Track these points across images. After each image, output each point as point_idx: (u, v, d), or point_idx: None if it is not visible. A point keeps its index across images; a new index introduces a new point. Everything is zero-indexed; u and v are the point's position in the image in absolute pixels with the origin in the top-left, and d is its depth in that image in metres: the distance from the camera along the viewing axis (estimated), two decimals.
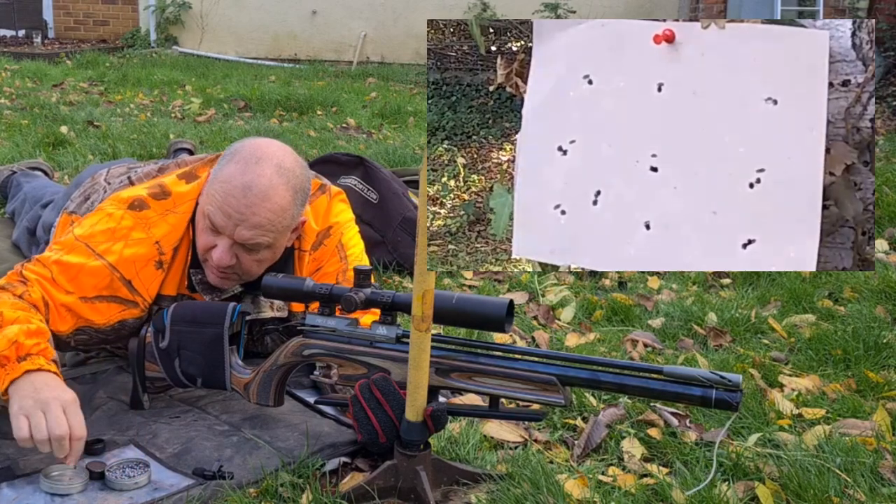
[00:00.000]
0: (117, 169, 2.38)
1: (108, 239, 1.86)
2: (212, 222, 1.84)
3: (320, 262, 2.06)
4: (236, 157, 1.86)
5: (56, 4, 10.35)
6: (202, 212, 1.88)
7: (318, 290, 1.72)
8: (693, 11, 8.13)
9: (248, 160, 1.84)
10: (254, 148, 1.87)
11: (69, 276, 1.83)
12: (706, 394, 1.46)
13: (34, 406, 1.59)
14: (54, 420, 1.57)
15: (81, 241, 1.87)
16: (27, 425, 1.57)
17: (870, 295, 2.77)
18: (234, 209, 1.82)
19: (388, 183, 3.05)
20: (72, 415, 1.60)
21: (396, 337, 1.68)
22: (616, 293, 2.79)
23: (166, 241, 1.89)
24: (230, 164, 1.85)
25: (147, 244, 1.88)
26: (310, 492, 1.60)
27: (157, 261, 1.88)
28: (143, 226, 1.88)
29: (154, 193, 1.93)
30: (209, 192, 1.86)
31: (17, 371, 1.64)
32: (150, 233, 1.88)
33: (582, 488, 1.64)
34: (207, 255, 1.89)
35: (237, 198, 1.81)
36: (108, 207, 1.92)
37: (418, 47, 9.19)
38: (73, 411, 1.61)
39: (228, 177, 1.83)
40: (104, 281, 1.85)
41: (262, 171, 1.83)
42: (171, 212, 1.91)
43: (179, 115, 5.91)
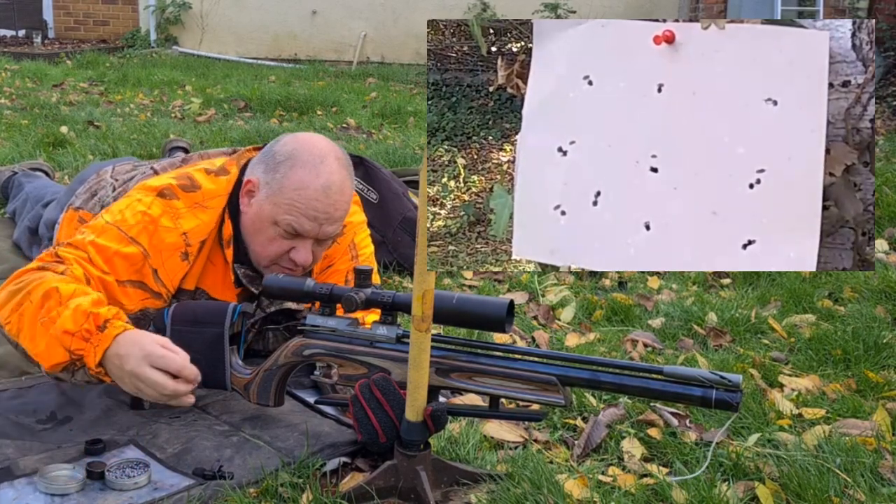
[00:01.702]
0: (123, 166, 2.38)
1: (139, 224, 1.86)
2: (294, 229, 1.86)
3: (332, 259, 2.08)
4: (298, 160, 1.86)
5: (56, 4, 10.35)
6: (270, 221, 1.87)
7: (319, 289, 1.72)
8: (693, 11, 8.13)
9: (314, 161, 1.86)
10: (309, 146, 1.89)
11: (105, 257, 1.82)
12: (706, 394, 1.46)
13: (138, 368, 1.63)
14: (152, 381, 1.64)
15: (113, 226, 1.85)
16: (149, 391, 1.65)
17: (870, 295, 2.77)
18: (320, 211, 1.85)
19: (388, 183, 3.05)
20: (171, 362, 1.65)
21: (397, 337, 1.68)
22: (616, 293, 2.80)
23: (193, 234, 1.89)
24: (295, 168, 1.86)
25: (175, 234, 1.87)
26: (310, 492, 1.60)
27: (182, 252, 1.88)
28: (171, 215, 1.88)
29: (183, 185, 1.92)
30: (280, 201, 1.85)
31: (106, 340, 1.65)
32: (178, 223, 1.88)
33: (582, 488, 1.64)
34: (280, 260, 1.90)
35: (321, 200, 1.84)
36: (137, 194, 1.91)
37: (418, 47, 9.19)
38: (174, 358, 1.66)
39: (302, 182, 1.84)
40: (136, 265, 1.85)
41: (330, 167, 1.86)
42: (200, 206, 1.91)
43: (179, 115, 5.91)
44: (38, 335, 1.68)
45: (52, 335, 1.67)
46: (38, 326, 1.68)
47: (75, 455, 1.70)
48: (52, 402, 1.91)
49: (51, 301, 1.69)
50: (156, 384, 1.65)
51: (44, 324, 1.68)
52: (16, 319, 1.72)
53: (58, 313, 1.67)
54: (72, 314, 1.67)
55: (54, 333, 1.67)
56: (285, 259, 1.91)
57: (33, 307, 1.70)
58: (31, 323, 1.70)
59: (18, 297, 1.73)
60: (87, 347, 1.66)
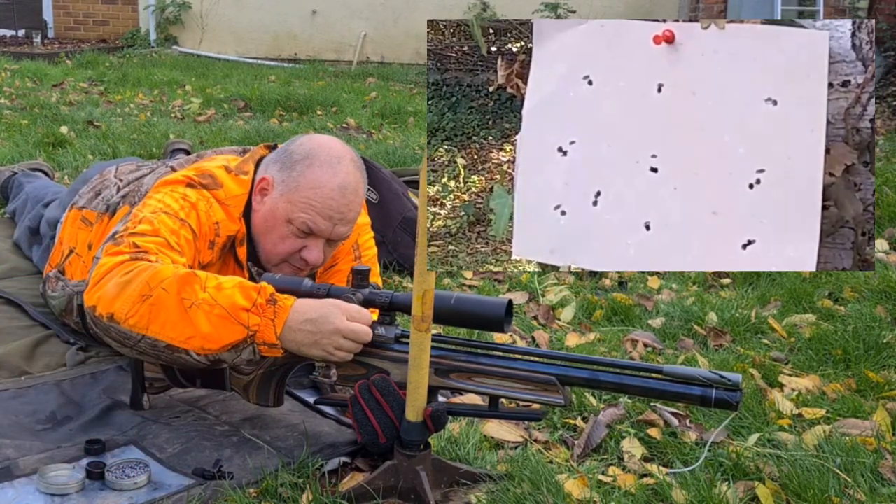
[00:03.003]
0: (126, 166, 2.38)
1: (183, 208, 1.84)
2: (309, 228, 1.87)
3: (335, 259, 2.10)
4: (315, 159, 1.88)
5: (56, 4, 10.35)
6: (284, 219, 1.88)
7: (316, 290, 1.72)
8: (693, 11, 8.13)
9: (331, 161, 1.88)
10: (327, 147, 1.91)
11: (177, 239, 1.79)
12: (706, 393, 1.46)
13: (342, 324, 1.62)
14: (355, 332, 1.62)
15: (162, 212, 1.81)
16: (349, 346, 1.63)
17: (870, 295, 2.77)
18: (335, 211, 1.86)
19: (388, 183, 3.05)
20: (354, 312, 1.63)
21: (395, 337, 1.68)
22: (616, 293, 2.79)
23: (224, 225, 1.90)
24: (312, 167, 1.87)
25: (210, 220, 1.87)
26: (310, 492, 1.60)
27: (211, 240, 1.88)
28: (205, 201, 1.88)
29: (206, 183, 1.92)
30: (296, 199, 1.87)
31: (283, 311, 1.61)
32: (211, 210, 1.88)
33: (582, 488, 1.64)
34: (291, 259, 1.91)
35: (336, 199, 1.86)
36: (165, 188, 1.89)
37: (418, 47, 9.19)
38: (348, 308, 1.63)
39: (318, 181, 1.86)
40: (193, 248, 1.83)
41: (346, 168, 1.88)
42: (223, 203, 1.91)
43: (179, 115, 5.91)
44: (197, 319, 1.60)
45: (218, 315, 1.60)
46: (193, 311, 1.60)
47: (75, 455, 1.70)
48: (52, 402, 1.91)
49: (193, 285, 1.62)
50: (358, 334, 1.63)
51: (199, 307, 1.60)
52: (146, 311, 1.61)
53: (213, 296, 1.61)
54: (238, 290, 1.62)
55: (221, 313, 1.60)
56: (296, 258, 1.92)
57: (170, 296, 1.61)
58: (177, 311, 1.61)
59: (136, 288, 1.63)
60: (263, 322, 1.61)
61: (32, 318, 2.35)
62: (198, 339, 1.61)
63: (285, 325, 1.61)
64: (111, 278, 1.66)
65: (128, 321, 1.63)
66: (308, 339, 1.62)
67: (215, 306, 1.60)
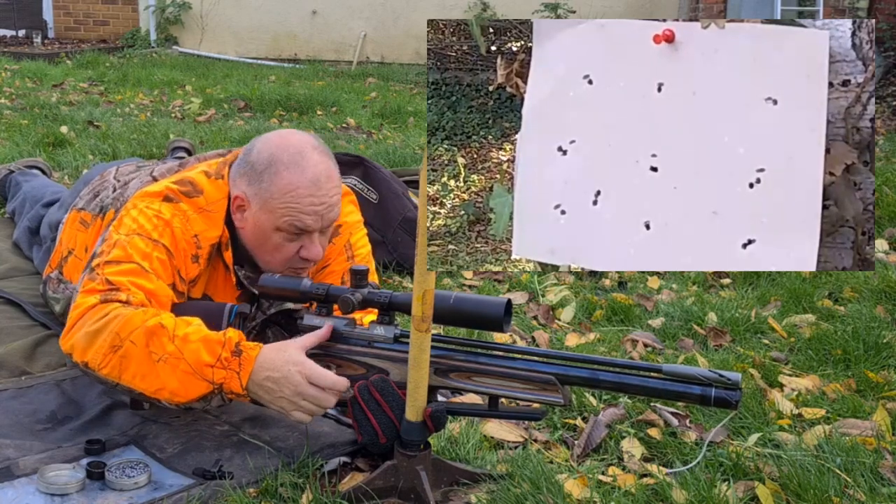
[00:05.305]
0: (126, 167, 2.38)
1: (157, 227, 1.84)
2: (298, 228, 1.85)
3: (328, 260, 2.08)
4: (279, 163, 1.84)
5: (56, 4, 10.35)
6: (271, 229, 1.86)
7: (315, 290, 1.72)
8: (693, 11, 8.13)
9: (295, 158, 1.85)
10: (285, 145, 1.87)
11: (151, 264, 1.79)
12: (705, 392, 1.46)
13: (302, 387, 1.64)
14: (315, 398, 1.65)
15: (136, 234, 1.82)
16: (310, 407, 1.66)
17: (870, 295, 2.77)
18: (317, 203, 1.84)
19: (388, 183, 3.05)
20: (317, 378, 1.65)
21: (395, 337, 1.68)
22: (616, 293, 2.80)
23: (203, 237, 1.88)
24: (279, 173, 1.84)
25: (187, 236, 1.86)
26: (310, 492, 1.60)
27: (193, 254, 1.87)
28: (181, 217, 1.87)
29: (186, 191, 1.91)
30: (275, 207, 1.84)
31: (248, 363, 1.65)
32: (188, 225, 1.87)
33: (582, 488, 1.64)
34: (292, 262, 1.90)
35: (314, 193, 1.84)
36: (141, 203, 1.89)
37: (418, 47, 9.19)
38: (313, 372, 1.65)
39: (290, 185, 1.83)
40: (168, 268, 1.83)
41: (312, 159, 1.86)
42: (204, 210, 1.90)
43: (179, 115, 5.91)
44: (164, 374, 1.65)
45: (184, 371, 1.64)
46: (160, 365, 1.65)
47: (75, 455, 1.70)
48: (52, 402, 1.91)
49: (160, 338, 1.66)
50: (319, 400, 1.65)
51: (166, 361, 1.65)
52: (117, 363, 1.67)
53: (179, 348, 1.65)
54: (203, 345, 1.66)
55: (186, 369, 1.64)
56: (296, 260, 1.91)
57: (139, 349, 1.65)
58: (145, 363, 1.66)
59: (106, 339, 1.68)
60: (228, 375, 1.65)
61: (32, 318, 2.35)
62: (166, 392, 1.66)
63: (250, 377, 1.65)
64: (82, 326, 1.71)
65: (101, 370, 1.69)
66: (268, 396, 1.66)
67: (181, 360, 1.65)
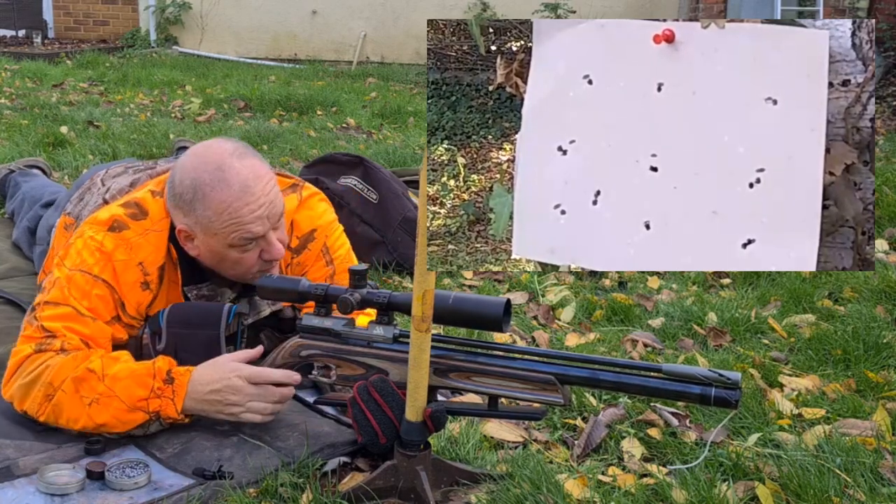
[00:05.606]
0: (115, 169, 2.38)
1: (98, 262, 1.84)
2: (249, 238, 1.84)
3: (304, 267, 2.06)
4: (204, 188, 1.81)
5: (56, 4, 10.35)
6: (224, 247, 1.85)
7: (314, 290, 1.72)
8: (693, 11, 8.13)
9: (217, 175, 1.82)
10: (202, 164, 1.84)
11: (89, 304, 1.82)
12: (705, 392, 1.46)
13: (246, 389, 1.74)
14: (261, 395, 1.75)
15: (77, 271, 1.84)
16: (252, 416, 1.76)
17: (870, 295, 2.76)
18: (256, 208, 1.82)
19: (388, 183, 3.05)
20: (255, 377, 1.74)
21: (394, 337, 1.68)
22: (616, 293, 2.79)
23: (149, 262, 1.88)
24: (209, 195, 1.81)
25: (132, 266, 1.86)
26: (310, 492, 1.60)
27: (142, 282, 1.87)
28: (125, 247, 1.86)
29: (132, 214, 1.90)
30: (219, 229, 1.82)
31: (181, 388, 1.73)
32: (132, 254, 1.86)
33: (582, 488, 1.64)
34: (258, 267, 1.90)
35: (250, 201, 1.82)
36: (88, 232, 1.89)
37: (418, 47, 9.19)
38: (252, 372, 1.75)
39: (223, 203, 1.81)
40: (109, 303, 1.84)
41: (233, 168, 1.82)
42: (150, 230, 1.89)
43: (179, 115, 5.91)
44: (97, 414, 1.71)
45: (117, 408, 1.71)
46: (93, 407, 1.71)
47: (75, 455, 1.70)
48: None
49: (89, 382, 1.71)
50: (266, 396, 1.75)
51: (98, 402, 1.71)
52: (51, 410, 1.73)
53: (109, 387, 1.71)
54: (133, 381, 1.72)
55: (120, 406, 1.71)
56: (261, 263, 1.90)
57: (69, 396, 1.71)
58: (77, 408, 1.72)
59: (40, 390, 1.73)
60: (163, 402, 1.73)
61: None
62: (106, 427, 1.74)
63: (185, 399, 1.74)
64: (18, 378, 1.77)
65: (40, 417, 1.76)
66: (216, 408, 1.75)
67: (113, 398, 1.72)
